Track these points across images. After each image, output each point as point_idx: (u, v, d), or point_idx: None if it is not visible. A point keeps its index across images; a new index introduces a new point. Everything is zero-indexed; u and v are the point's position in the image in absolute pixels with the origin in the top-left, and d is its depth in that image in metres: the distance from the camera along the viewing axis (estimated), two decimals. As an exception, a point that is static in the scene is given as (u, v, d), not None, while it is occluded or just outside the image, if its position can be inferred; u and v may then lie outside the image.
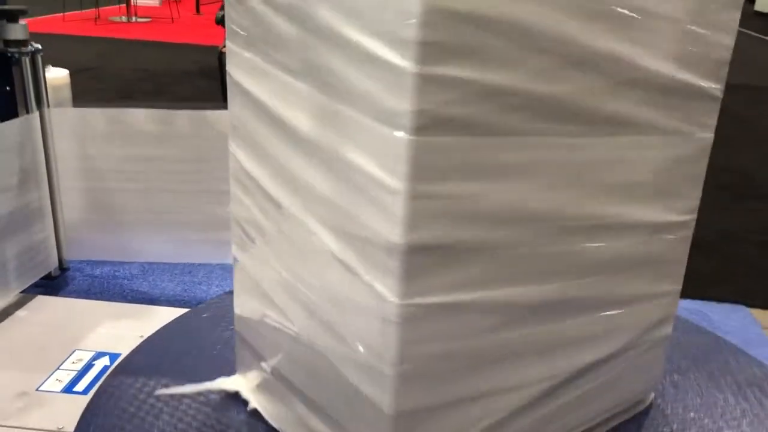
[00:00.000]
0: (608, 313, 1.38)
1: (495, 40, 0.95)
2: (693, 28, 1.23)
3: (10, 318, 2.14)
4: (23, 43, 2.15)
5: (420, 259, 1.02)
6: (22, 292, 2.23)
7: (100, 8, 10.24)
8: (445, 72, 0.93)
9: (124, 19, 9.90)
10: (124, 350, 1.93)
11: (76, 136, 2.32)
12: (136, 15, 10.15)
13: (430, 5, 0.89)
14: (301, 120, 1.17)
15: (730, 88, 1.45)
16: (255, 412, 1.58)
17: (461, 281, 1.07)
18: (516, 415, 1.29)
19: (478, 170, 1.01)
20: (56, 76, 2.72)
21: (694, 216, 1.50)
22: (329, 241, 1.16)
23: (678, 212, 1.44)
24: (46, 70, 2.63)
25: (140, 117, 2.31)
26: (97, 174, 2.37)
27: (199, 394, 1.69)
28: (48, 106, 2.27)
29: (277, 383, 1.48)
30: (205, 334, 1.97)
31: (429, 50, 0.91)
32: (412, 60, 0.91)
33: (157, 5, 11.65)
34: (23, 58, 2.14)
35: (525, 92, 1.00)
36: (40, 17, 8.93)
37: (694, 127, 1.37)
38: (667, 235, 1.44)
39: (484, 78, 0.95)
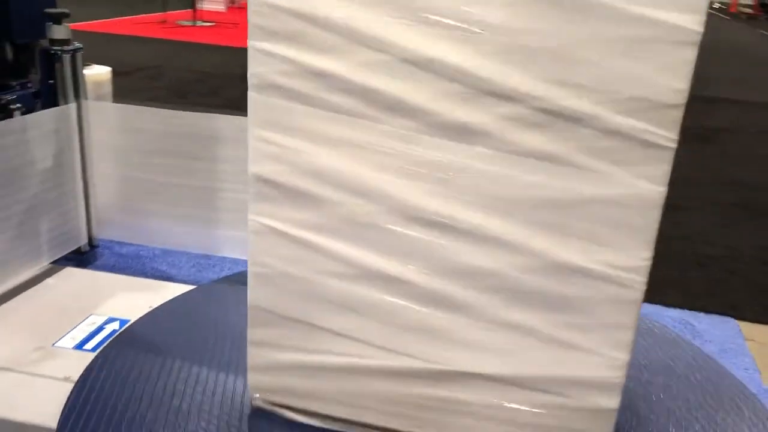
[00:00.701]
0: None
1: (315, 30, 1.22)
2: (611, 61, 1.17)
3: (41, 284, 2.41)
4: (65, 42, 2.43)
5: (263, 189, 1.34)
6: (53, 263, 2.50)
7: (170, 12, 10.75)
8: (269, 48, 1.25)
9: (189, 22, 10.38)
10: (133, 317, 2.16)
11: (111, 128, 2.58)
12: (201, 19, 10.62)
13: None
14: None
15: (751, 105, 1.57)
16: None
17: (298, 219, 1.35)
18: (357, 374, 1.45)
19: (311, 133, 1.28)
20: (98, 73, 3.01)
21: (639, 278, 1.28)
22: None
23: (598, 262, 1.28)
24: (89, 67, 2.93)
25: (167, 116, 2.54)
26: (128, 164, 2.62)
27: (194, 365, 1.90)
28: (86, 99, 2.54)
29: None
30: (204, 309, 2.19)
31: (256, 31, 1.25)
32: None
33: (223, 10, 12.14)
34: (64, 55, 2.42)
35: (351, 80, 1.23)
36: (111, 19, 9.42)
37: (616, 168, 1.23)
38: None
39: (304, 59, 1.24)
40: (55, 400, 1.74)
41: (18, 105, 2.35)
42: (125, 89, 1.79)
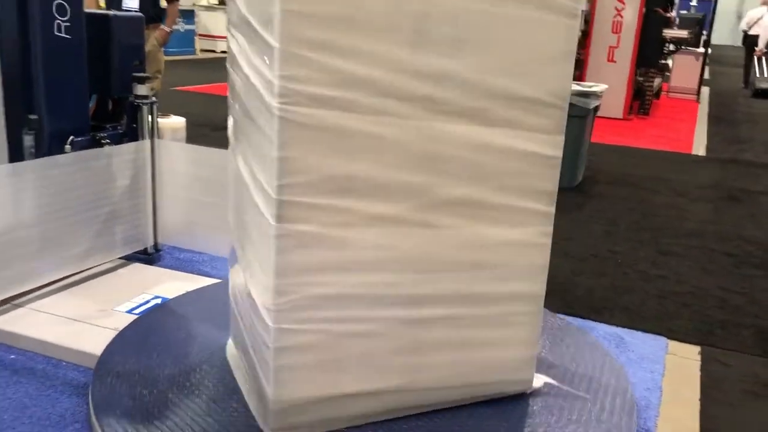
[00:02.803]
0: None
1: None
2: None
3: (114, 273, 3.28)
4: (146, 97, 3.35)
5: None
6: (124, 258, 3.37)
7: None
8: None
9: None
10: (170, 296, 2.98)
11: (176, 161, 3.45)
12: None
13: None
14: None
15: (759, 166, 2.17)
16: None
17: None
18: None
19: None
20: (175, 121, 3.94)
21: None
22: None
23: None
24: (168, 117, 3.85)
25: (221, 155, 3.35)
26: (188, 188, 3.47)
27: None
28: (158, 138, 3.43)
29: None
30: (221, 294, 2.96)
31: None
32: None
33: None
34: (144, 106, 3.33)
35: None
36: (217, 84, 10.54)
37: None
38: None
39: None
40: (105, 340, 2.56)
41: (108, 141, 3.26)
42: (222, 140, 2.50)
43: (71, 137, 3.13)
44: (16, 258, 2.84)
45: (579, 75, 9.83)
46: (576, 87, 5.59)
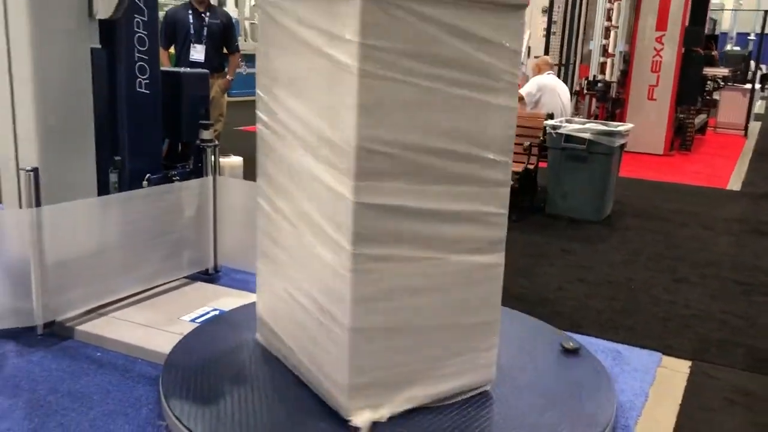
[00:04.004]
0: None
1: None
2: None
3: (180, 289, 3.85)
4: (210, 141, 3.95)
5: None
6: (189, 277, 3.95)
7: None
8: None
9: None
10: (226, 309, 3.52)
11: (235, 195, 4.03)
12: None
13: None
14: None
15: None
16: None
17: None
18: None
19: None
20: (234, 160, 4.54)
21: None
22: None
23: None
24: (228, 157, 4.46)
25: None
26: (245, 218, 4.04)
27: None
28: (220, 175, 4.02)
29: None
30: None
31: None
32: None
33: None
34: (208, 149, 3.93)
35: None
36: None
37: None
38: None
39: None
40: (172, 342, 3.11)
41: (177, 177, 3.87)
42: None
43: (147, 175, 3.74)
44: (103, 275, 3.44)
45: (620, 113, 10.20)
46: (600, 126, 6.01)
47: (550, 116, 6.40)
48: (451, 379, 2.69)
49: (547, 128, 6.08)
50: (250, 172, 5.40)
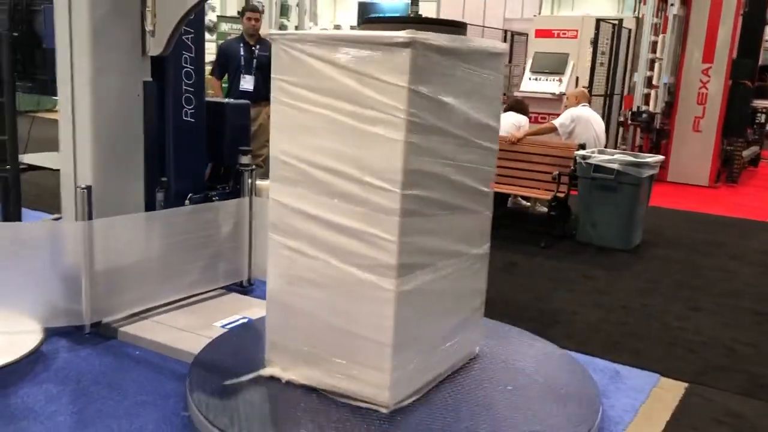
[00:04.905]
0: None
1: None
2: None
3: (215, 299, 4.23)
4: (248, 165, 4.34)
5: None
6: (224, 288, 4.32)
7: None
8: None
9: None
10: (254, 318, 3.88)
11: (267, 213, 4.40)
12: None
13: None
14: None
15: None
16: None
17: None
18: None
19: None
20: (268, 184, 4.93)
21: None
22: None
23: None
24: (262, 179, 4.84)
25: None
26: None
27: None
28: (256, 196, 4.40)
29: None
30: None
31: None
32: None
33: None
34: (246, 172, 4.32)
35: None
36: None
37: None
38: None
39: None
40: (202, 344, 3.47)
41: (216, 197, 4.27)
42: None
43: (190, 194, 4.15)
44: (146, 283, 3.84)
45: (665, 144, 10.26)
46: (627, 158, 6.18)
47: (582, 146, 6.59)
48: (345, 381, 2.96)
49: (577, 158, 6.28)
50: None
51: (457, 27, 2.95)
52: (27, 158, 4.42)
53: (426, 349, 3.02)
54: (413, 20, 2.86)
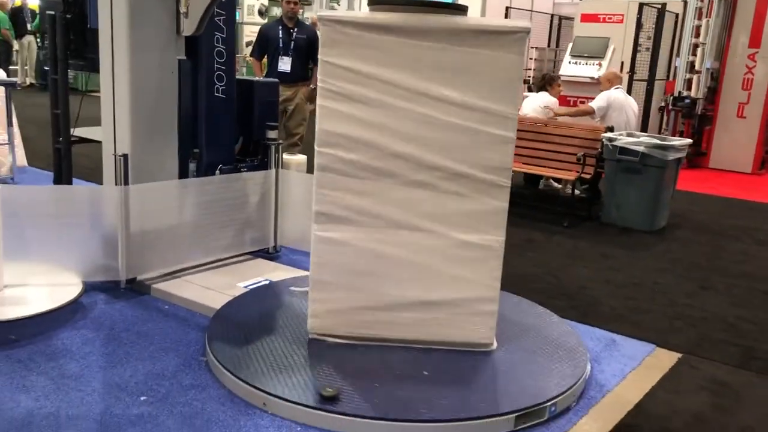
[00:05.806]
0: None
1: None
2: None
3: (242, 263, 4.57)
4: (274, 140, 4.64)
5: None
6: (251, 254, 4.65)
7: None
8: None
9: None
10: (275, 280, 4.19)
11: (294, 185, 4.71)
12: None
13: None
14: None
15: None
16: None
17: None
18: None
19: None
20: (299, 158, 5.23)
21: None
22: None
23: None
24: (295, 156, 5.15)
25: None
26: (302, 206, 4.70)
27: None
28: (282, 168, 4.71)
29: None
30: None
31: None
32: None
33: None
34: (272, 146, 4.62)
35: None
36: None
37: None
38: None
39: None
40: (224, 301, 3.80)
41: (245, 169, 4.59)
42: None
43: (221, 165, 4.49)
44: (177, 245, 4.20)
45: (708, 130, 10.18)
46: (653, 140, 6.26)
47: (610, 129, 6.69)
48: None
49: (603, 140, 6.39)
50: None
51: (456, 9, 3.17)
52: (77, 131, 4.83)
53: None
54: (412, 2, 3.07)
